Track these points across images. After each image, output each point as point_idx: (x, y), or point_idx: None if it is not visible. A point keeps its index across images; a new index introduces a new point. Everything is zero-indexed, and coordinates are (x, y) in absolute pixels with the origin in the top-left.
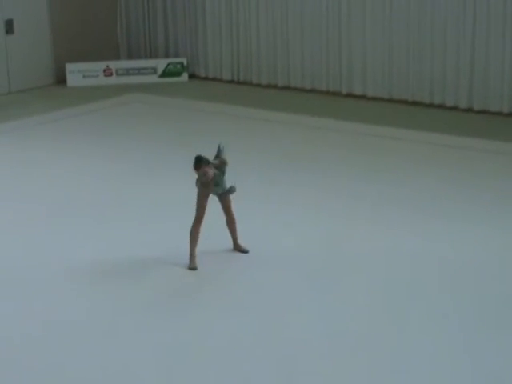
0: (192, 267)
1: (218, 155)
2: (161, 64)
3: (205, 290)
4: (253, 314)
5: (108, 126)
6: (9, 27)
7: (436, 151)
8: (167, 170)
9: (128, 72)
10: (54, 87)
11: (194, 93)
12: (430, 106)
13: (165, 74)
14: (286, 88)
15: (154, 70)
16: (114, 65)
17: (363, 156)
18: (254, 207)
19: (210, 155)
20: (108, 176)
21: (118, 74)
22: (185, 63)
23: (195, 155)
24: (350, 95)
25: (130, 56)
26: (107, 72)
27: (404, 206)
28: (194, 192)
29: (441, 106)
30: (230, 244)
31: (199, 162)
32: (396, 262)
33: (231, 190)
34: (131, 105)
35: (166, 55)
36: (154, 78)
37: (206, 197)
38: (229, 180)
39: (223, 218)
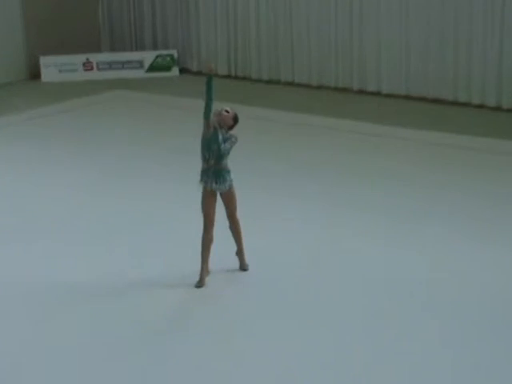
0: (199, 284)
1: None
2: (148, 57)
3: (204, 313)
4: (253, 338)
5: (88, 127)
6: None
7: (460, 155)
8: (156, 179)
9: (111, 66)
10: (26, 83)
11: (185, 89)
12: (454, 103)
13: (152, 68)
14: (290, 84)
15: (141, 64)
16: (94, 58)
17: (376, 161)
18: (253, 220)
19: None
20: (87, 186)
21: (99, 69)
22: (175, 56)
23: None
24: (362, 92)
25: (113, 48)
26: (87, 66)
27: (421, 221)
28: (188, 203)
29: (466, 104)
30: (230, 261)
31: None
32: (405, 280)
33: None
34: (114, 103)
35: (154, 47)
36: (140, 73)
37: (211, 202)
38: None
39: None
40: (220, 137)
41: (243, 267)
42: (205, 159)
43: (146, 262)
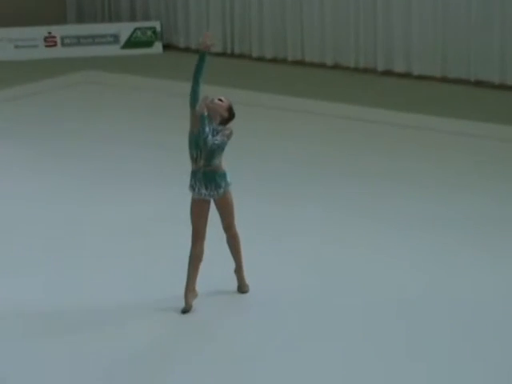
0: (185, 309)
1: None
2: (125, 30)
3: (193, 344)
4: (251, 375)
5: (51, 117)
6: None
7: (498, 150)
8: (138, 181)
9: (79, 41)
10: None
11: (170, 70)
12: (501, 87)
13: (130, 43)
14: (299, 63)
15: (116, 39)
16: (58, 31)
17: (402, 159)
18: (250, 231)
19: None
20: (55, 193)
21: (64, 44)
22: (158, 29)
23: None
24: (388, 73)
25: (82, 19)
26: (49, 41)
27: (449, 233)
28: (178, 210)
29: None
30: (227, 281)
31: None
32: (415, 303)
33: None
34: (83, 86)
35: (132, 18)
36: (115, 50)
37: (201, 211)
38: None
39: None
40: (207, 128)
41: (242, 289)
42: (193, 159)
43: (125, 281)
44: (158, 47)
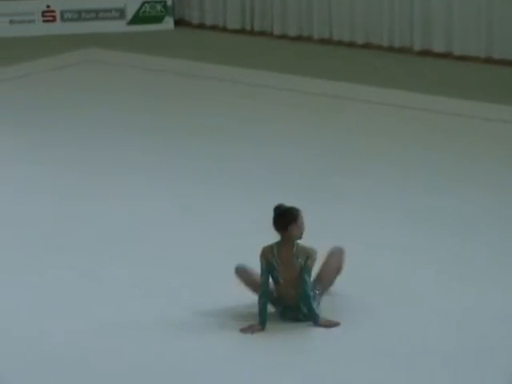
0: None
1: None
2: (132, 4)
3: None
4: None
5: (48, 101)
6: None
7: None
8: (143, 175)
9: (80, 16)
10: None
11: (182, 49)
12: None
13: (138, 18)
14: (326, 41)
15: (122, 13)
16: (58, 4)
17: (442, 149)
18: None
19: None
20: (47, 186)
21: (64, 19)
22: (169, 3)
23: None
24: (425, 53)
25: None
26: (48, 15)
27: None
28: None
29: None
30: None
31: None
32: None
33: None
34: (85, 66)
35: None
36: (120, 26)
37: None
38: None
39: None
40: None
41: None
42: None
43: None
44: (168, 23)
